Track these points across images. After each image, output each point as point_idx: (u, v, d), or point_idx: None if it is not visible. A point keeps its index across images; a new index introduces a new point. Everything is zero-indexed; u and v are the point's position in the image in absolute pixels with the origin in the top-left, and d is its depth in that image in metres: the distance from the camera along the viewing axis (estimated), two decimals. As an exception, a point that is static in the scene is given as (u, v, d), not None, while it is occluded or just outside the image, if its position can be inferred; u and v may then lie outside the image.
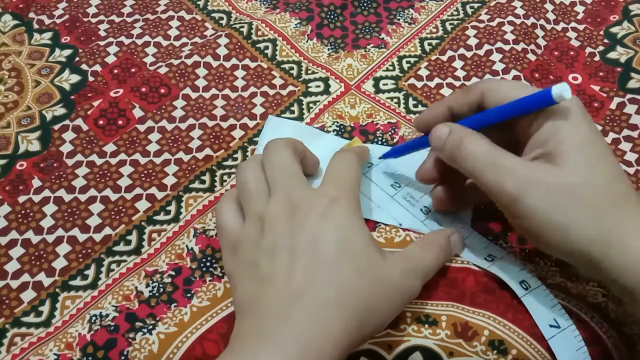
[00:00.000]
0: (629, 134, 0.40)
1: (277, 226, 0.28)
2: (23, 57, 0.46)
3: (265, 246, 0.28)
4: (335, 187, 0.30)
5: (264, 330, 0.26)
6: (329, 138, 0.40)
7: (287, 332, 0.25)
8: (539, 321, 0.30)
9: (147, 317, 0.32)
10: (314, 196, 0.29)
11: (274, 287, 0.27)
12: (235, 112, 0.42)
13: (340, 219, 0.28)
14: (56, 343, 0.32)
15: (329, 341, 0.25)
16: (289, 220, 0.28)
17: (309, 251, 0.27)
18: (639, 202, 0.28)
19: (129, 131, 0.41)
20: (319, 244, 0.27)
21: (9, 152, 0.40)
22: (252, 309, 0.27)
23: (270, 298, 0.27)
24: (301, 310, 0.26)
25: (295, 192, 0.30)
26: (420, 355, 0.30)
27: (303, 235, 0.28)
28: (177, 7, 0.49)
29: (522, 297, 0.31)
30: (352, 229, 0.28)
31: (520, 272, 0.32)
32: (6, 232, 0.36)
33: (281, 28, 0.47)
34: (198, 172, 0.39)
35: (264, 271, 0.27)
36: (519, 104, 0.29)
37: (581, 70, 0.44)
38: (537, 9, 0.48)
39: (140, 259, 0.35)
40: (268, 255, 0.28)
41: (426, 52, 0.46)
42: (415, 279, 0.30)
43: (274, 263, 0.27)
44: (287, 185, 0.30)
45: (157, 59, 0.46)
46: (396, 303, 0.29)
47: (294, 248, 0.27)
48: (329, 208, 0.28)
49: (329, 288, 0.26)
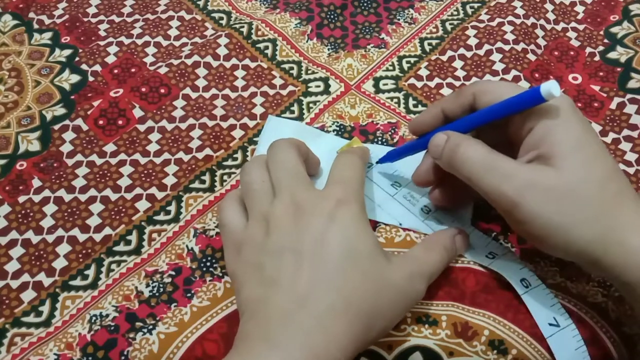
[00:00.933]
0: (629, 134, 0.40)
1: (283, 227, 0.28)
2: (23, 57, 0.46)
3: (270, 247, 0.28)
4: (341, 188, 0.30)
5: (269, 333, 0.26)
6: (329, 138, 0.40)
7: (293, 335, 0.25)
8: (538, 319, 0.30)
9: (147, 317, 0.32)
10: (320, 198, 0.29)
11: (280, 289, 0.27)
12: (235, 112, 0.42)
13: (347, 222, 0.28)
14: (56, 343, 0.32)
15: (334, 345, 0.25)
16: (294, 222, 0.28)
17: (315, 254, 0.27)
18: (637, 198, 0.28)
19: (129, 131, 0.41)
20: (325, 247, 0.27)
21: (9, 152, 0.40)
22: (257, 311, 0.27)
23: (276, 301, 0.26)
24: (307, 314, 0.26)
25: (300, 192, 0.30)
26: (420, 355, 0.30)
27: (309, 237, 0.28)
28: (177, 7, 0.49)
29: (523, 295, 0.31)
30: (358, 233, 0.28)
31: (521, 270, 0.32)
32: (6, 232, 0.36)
33: (281, 28, 0.47)
34: (198, 172, 0.39)
35: (269, 273, 0.27)
36: (509, 102, 0.29)
37: (581, 70, 0.44)
38: (537, 9, 0.48)
39: (141, 259, 0.35)
40: (273, 256, 0.28)
41: (426, 52, 0.46)
42: (420, 282, 0.30)
43: (280, 265, 0.27)
44: (292, 186, 0.30)
45: (157, 59, 0.46)
46: (401, 307, 0.29)
47: (300, 250, 0.27)
48: (336, 210, 0.28)
49: (335, 293, 0.26)
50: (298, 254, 0.27)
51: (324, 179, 0.33)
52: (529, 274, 0.32)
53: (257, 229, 0.29)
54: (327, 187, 0.31)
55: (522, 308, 0.31)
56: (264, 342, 0.25)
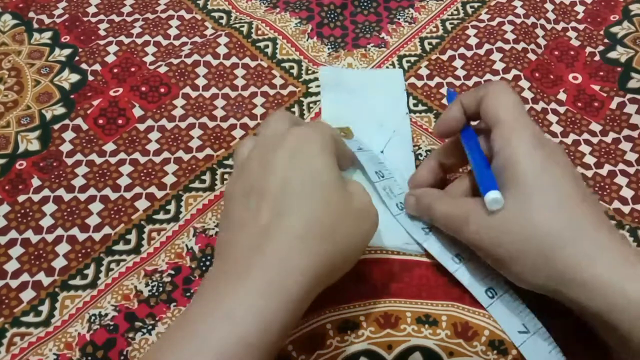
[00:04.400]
0: (629, 134, 0.40)
1: (251, 170, 0.29)
2: (23, 57, 0.46)
3: (237, 192, 0.28)
4: (306, 125, 0.30)
5: (232, 270, 0.26)
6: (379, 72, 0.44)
7: (253, 269, 0.25)
8: (507, 329, 0.30)
9: (146, 317, 0.32)
10: (284, 136, 0.29)
11: (245, 229, 0.27)
12: (235, 112, 0.42)
13: (311, 156, 0.28)
14: (55, 343, 0.32)
15: (292, 275, 0.25)
16: (260, 163, 0.28)
17: (279, 190, 0.27)
18: (599, 224, 0.28)
19: (128, 130, 0.41)
20: (288, 183, 0.27)
21: (9, 152, 0.40)
22: (225, 253, 0.27)
23: (241, 241, 0.27)
24: (268, 243, 0.26)
25: (271, 139, 0.29)
26: (420, 355, 0.30)
27: (273, 175, 0.28)
28: (177, 6, 0.49)
29: (489, 307, 0.31)
30: (321, 166, 0.28)
31: (485, 278, 0.32)
32: (6, 232, 0.36)
33: (281, 27, 0.47)
34: (198, 171, 0.39)
35: (236, 217, 0.28)
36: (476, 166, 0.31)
37: (581, 69, 0.44)
38: (537, 8, 0.48)
39: (140, 258, 0.35)
40: (242, 200, 0.28)
41: (426, 52, 0.46)
42: (374, 207, 0.30)
43: (246, 207, 0.27)
44: (267, 138, 0.30)
45: (157, 58, 0.46)
46: (362, 234, 0.29)
47: (264, 190, 0.27)
48: (298, 146, 0.28)
49: (296, 218, 0.26)
50: (262, 194, 0.27)
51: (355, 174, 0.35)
52: (494, 282, 0.31)
53: (232, 178, 0.30)
54: (291, 128, 0.30)
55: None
56: (225, 278, 0.25)
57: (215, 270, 0.27)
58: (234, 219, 0.28)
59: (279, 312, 0.24)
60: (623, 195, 0.37)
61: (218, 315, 0.24)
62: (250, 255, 0.26)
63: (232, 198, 0.29)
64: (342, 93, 0.42)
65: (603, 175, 0.38)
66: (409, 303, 0.32)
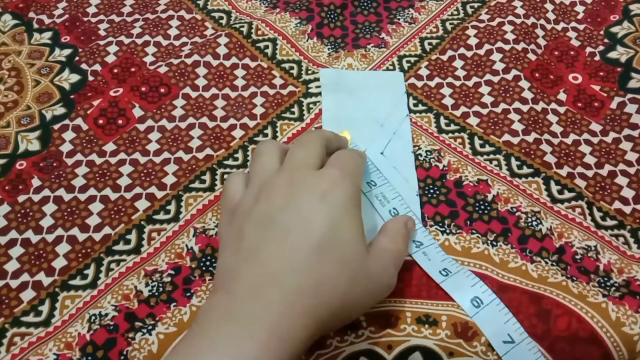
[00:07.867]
0: (629, 134, 0.40)
1: (273, 197, 0.28)
2: (23, 57, 0.46)
3: (255, 216, 0.28)
4: (339, 171, 0.30)
5: (234, 308, 0.25)
6: (379, 74, 0.44)
7: (258, 313, 0.25)
8: (492, 339, 0.30)
9: (146, 317, 0.32)
10: (317, 176, 0.29)
11: (253, 262, 0.26)
12: (235, 112, 0.42)
13: (336, 205, 0.28)
14: (56, 343, 0.32)
15: (299, 327, 0.25)
16: (286, 194, 0.28)
17: (297, 231, 0.27)
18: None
19: (128, 130, 0.41)
20: (308, 227, 0.27)
21: (9, 152, 0.40)
22: (228, 282, 0.27)
23: (247, 273, 0.26)
24: (275, 292, 0.25)
25: (301, 173, 0.29)
26: (420, 355, 0.30)
27: (296, 212, 0.27)
28: (177, 6, 0.49)
29: (474, 317, 0.31)
30: (345, 217, 0.28)
31: (472, 287, 0.32)
32: (6, 232, 0.36)
33: (281, 28, 0.47)
34: (198, 172, 0.39)
35: (247, 243, 0.27)
36: None
37: (581, 69, 0.44)
38: (537, 8, 0.48)
39: (140, 258, 0.35)
40: (256, 226, 0.27)
41: (426, 52, 0.46)
42: (394, 272, 0.30)
43: (260, 236, 0.27)
44: (296, 168, 0.30)
45: (157, 58, 0.46)
46: (374, 297, 0.29)
47: (284, 224, 0.27)
48: (328, 191, 0.28)
49: (306, 275, 0.26)
50: (281, 228, 0.27)
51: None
52: (480, 290, 0.31)
53: (249, 196, 0.29)
54: (325, 168, 0.30)
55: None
56: (228, 317, 0.25)
57: (215, 303, 0.27)
58: (243, 244, 0.27)
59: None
60: (624, 196, 0.37)
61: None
62: (255, 299, 0.25)
63: (243, 213, 0.29)
64: (342, 94, 0.42)
65: (603, 175, 0.38)
66: (409, 303, 0.32)
